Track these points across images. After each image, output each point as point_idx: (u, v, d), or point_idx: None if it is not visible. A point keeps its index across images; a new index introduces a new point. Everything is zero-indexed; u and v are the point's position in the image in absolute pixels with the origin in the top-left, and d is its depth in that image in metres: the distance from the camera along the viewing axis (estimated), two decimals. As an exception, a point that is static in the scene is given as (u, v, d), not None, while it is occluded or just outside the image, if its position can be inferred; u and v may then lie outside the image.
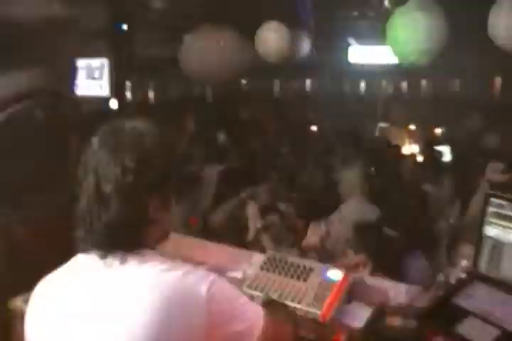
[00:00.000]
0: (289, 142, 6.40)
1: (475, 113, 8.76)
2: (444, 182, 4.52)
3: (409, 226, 2.91)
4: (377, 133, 7.58)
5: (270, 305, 1.60)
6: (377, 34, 9.89)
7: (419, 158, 5.93)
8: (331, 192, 3.89)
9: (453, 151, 6.69)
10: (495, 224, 1.68)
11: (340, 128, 7.50)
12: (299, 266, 1.82)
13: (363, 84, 12.77)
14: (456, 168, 5.37)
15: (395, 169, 4.84)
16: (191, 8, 5.71)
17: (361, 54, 11.41)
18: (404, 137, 7.12)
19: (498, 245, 1.66)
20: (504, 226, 1.66)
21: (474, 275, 1.67)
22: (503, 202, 1.67)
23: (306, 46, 8.40)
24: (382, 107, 9.42)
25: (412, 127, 7.96)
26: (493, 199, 1.69)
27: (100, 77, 7.89)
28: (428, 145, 6.13)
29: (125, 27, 7.60)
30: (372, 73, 11.65)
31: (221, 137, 6.07)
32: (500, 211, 1.67)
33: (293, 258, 1.89)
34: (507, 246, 1.64)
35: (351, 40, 11.55)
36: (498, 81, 10.89)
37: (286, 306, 1.58)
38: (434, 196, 3.85)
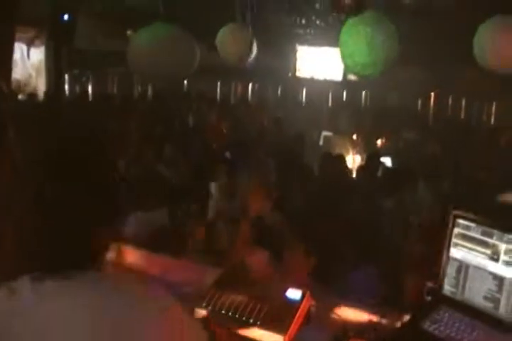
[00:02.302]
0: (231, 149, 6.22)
1: (413, 125, 9.03)
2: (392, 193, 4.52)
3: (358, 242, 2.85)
4: (321, 142, 7.60)
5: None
6: (324, 42, 10.06)
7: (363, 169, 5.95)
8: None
9: (393, 162, 6.80)
10: (461, 245, 1.64)
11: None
12: (256, 284, 1.72)
13: (305, 92, 12.91)
14: (397, 178, 5.42)
15: (343, 179, 4.83)
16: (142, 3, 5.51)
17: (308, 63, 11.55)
18: (348, 147, 7.17)
19: (463, 267, 1.62)
20: (470, 248, 1.62)
21: (440, 299, 1.62)
22: (470, 224, 1.63)
23: (254, 50, 8.35)
24: (326, 116, 9.50)
25: (355, 137, 8.05)
26: (459, 221, 1.65)
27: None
28: (372, 156, 6.17)
29: (66, 17, 7.25)
30: (316, 81, 11.80)
31: (168, 149, 5.66)
32: (466, 232, 1.63)
33: (251, 275, 1.78)
34: (472, 268, 1.61)
35: (297, 48, 11.67)
36: (436, 95, 11.33)
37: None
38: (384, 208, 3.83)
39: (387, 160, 6.68)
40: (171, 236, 2.62)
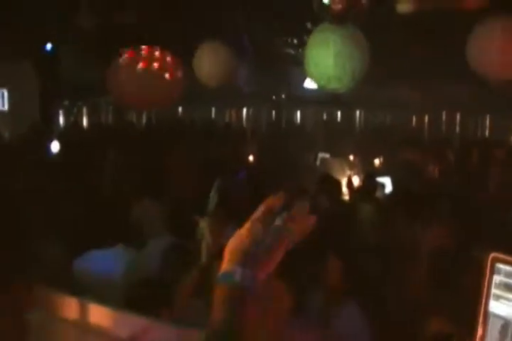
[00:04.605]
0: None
1: (409, 143, 8.73)
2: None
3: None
4: (318, 164, 7.30)
5: None
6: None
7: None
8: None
9: (393, 183, 6.50)
10: (504, 298, 1.31)
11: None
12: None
13: (299, 114, 12.68)
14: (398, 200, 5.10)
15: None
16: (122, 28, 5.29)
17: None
18: (345, 168, 6.87)
19: (510, 327, 1.29)
20: (517, 302, 1.29)
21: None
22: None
23: (244, 73, 8.15)
24: (321, 137, 9.23)
25: (351, 158, 7.77)
26: (500, 266, 1.33)
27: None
28: (369, 177, 5.84)
29: (49, 47, 6.99)
30: (309, 103, 11.57)
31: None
32: (510, 281, 1.31)
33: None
34: (522, 327, 1.27)
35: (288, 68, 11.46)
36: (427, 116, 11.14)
37: None
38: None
39: (386, 181, 6.38)
40: (147, 286, 2.23)
